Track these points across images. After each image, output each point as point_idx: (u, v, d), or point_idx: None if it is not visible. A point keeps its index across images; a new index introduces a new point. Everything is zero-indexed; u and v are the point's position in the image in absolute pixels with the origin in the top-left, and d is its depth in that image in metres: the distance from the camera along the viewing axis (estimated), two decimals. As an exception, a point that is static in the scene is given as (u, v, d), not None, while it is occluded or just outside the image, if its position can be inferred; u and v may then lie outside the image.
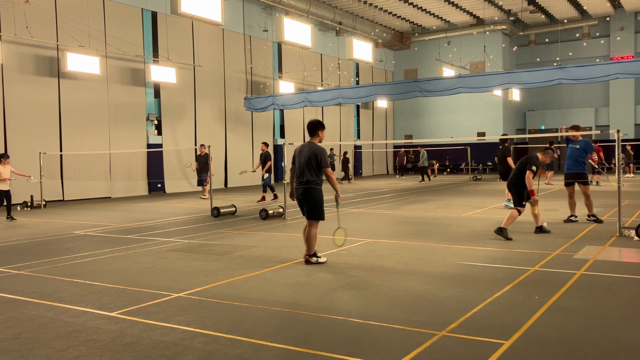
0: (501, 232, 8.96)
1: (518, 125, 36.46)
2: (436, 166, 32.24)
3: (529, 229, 10.25)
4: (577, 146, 11.04)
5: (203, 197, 18.69)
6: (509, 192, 11.90)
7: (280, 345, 4.26)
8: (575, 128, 11.08)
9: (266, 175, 17.12)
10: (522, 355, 3.98)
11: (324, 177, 7.40)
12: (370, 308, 5.24)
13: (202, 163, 18.31)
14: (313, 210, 7.29)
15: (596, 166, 10.88)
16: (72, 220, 13.50)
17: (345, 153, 28.47)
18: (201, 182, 18.82)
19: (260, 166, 17.23)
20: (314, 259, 7.35)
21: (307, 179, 7.25)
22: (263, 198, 17.32)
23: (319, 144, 7.44)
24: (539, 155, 9.45)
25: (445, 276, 6.48)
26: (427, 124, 36.39)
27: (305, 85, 28.97)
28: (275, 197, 17.60)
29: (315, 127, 7.44)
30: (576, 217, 10.95)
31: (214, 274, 6.90)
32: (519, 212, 9.22)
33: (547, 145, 22.79)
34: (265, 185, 17.38)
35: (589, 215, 10.89)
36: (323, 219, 7.33)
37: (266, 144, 17.65)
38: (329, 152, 30.60)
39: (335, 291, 5.91)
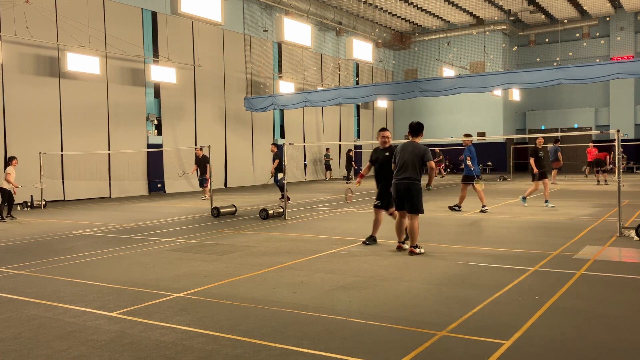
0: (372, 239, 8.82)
1: (518, 125, 36.44)
2: (442, 166, 32.09)
3: (528, 229, 10.26)
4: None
5: (203, 197, 18.69)
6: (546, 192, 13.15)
7: (280, 345, 4.26)
8: (467, 135, 13.54)
9: (280, 175, 17.05)
10: (522, 355, 3.98)
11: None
12: (370, 308, 5.24)
13: (201, 165, 18.29)
14: (415, 204, 7.86)
15: (472, 167, 13.07)
16: (72, 220, 13.50)
17: (349, 151, 28.43)
18: (202, 183, 18.81)
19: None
20: (417, 250, 7.81)
21: (409, 175, 7.84)
22: (283, 196, 17.09)
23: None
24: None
25: (445, 276, 6.48)
26: (427, 124, 35.98)
27: (305, 85, 28.96)
28: (283, 197, 17.44)
29: (419, 128, 8.14)
30: (460, 207, 13.39)
31: (214, 274, 6.90)
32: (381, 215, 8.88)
33: (551, 144, 22.79)
34: (280, 186, 17.26)
35: (457, 206, 13.40)
36: (423, 212, 7.94)
37: (276, 145, 17.66)
38: (324, 152, 30.63)
39: (335, 291, 5.90)
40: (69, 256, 8.45)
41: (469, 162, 13.02)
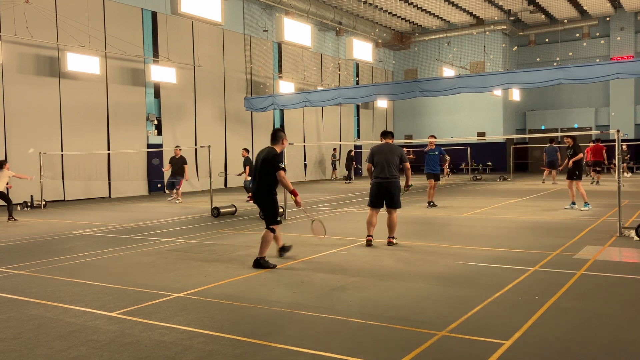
0: (260, 263, 7.15)
1: (518, 125, 36.44)
2: (445, 165, 31.89)
3: (528, 229, 10.26)
4: (436, 152, 14.47)
5: (176, 201, 17.56)
6: (572, 193, 12.95)
7: (280, 345, 4.26)
8: (432, 137, 14.40)
9: (248, 178, 17.25)
10: (522, 355, 3.98)
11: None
12: (370, 308, 5.24)
13: (177, 166, 17.65)
14: (397, 200, 8.58)
15: (447, 169, 14.23)
16: (72, 220, 13.50)
17: (350, 152, 28.46)
18: (172, 185, 17.84)
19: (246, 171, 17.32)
20: (394, 240, 8.58)
21: (392, 174, 8.50)
22: (250, 197, 17.57)
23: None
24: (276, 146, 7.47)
25: (445, 276, 6.48)
26: (427, 124, 36.35)
27: (305, 85, 28.95)
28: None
29: (390, 133, 9.10)
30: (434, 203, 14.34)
31: (214, 274, 6.90)
32: (274, 232, 7.41)
33: (548, 143, 22.81)
34: (247, 188, 17.51)
35: (430, 202, 14.21)
36: (400, 207, 8.69)
37: (247, 150, 17.73)
38: (331, 152, 30.67)
39: (335, 291, 5.90)
40: (69, 256, 8.45)
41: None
